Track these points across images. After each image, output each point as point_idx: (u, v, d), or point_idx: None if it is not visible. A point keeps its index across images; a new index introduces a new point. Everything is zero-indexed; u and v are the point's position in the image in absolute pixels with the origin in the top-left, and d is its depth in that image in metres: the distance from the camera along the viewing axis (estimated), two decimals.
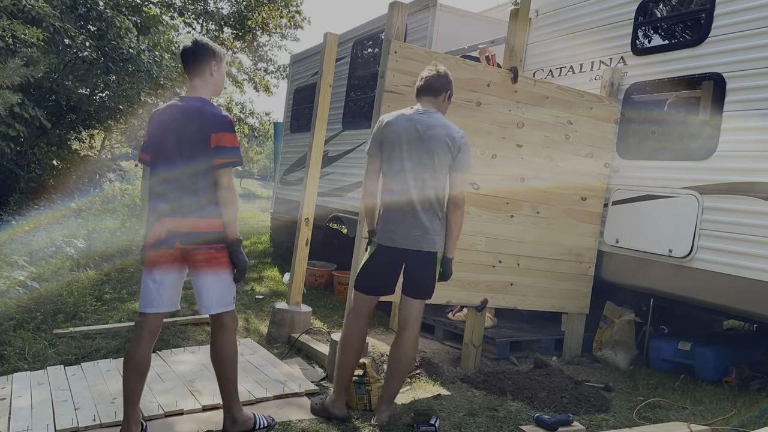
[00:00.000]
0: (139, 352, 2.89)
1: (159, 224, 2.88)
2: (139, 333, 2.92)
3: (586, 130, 4.88)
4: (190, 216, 2.86)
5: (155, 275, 2.90)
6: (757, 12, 4.15)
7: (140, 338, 2.91)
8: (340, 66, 7.43)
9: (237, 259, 2.91)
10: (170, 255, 2.88)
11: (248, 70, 19.37)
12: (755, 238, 4.04)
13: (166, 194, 2.88)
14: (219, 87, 3.06)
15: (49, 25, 7.42)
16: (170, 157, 2.89)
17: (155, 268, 2.90)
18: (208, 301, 2.94)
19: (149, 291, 2.91)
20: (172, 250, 2.87)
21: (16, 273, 5.56)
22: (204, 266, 2.89)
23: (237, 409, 3.09)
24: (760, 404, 3.96)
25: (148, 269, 2.92)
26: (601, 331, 5.11)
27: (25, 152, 9.48)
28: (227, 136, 2.86)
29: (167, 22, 13.77)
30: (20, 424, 3.13)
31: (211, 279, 2.91)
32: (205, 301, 2.95)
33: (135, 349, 2.89)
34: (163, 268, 2.90)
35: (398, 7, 4.11)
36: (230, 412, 3.07)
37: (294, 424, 3.29)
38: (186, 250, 2.87)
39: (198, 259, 2.88)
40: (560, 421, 3.28)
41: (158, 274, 2.90)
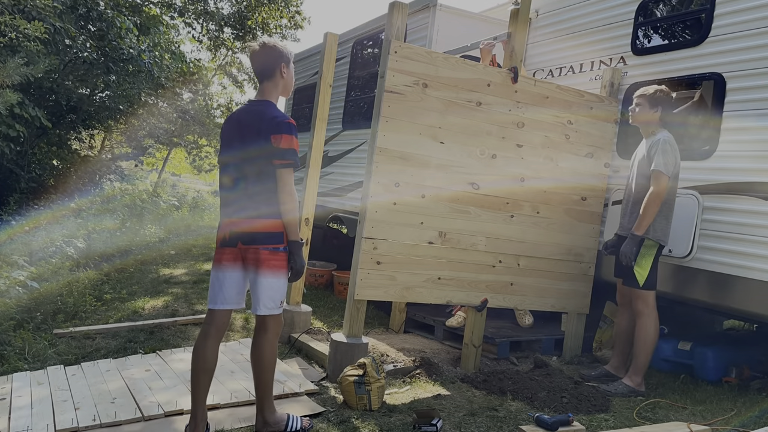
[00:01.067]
0: (206, 349, 2.95)
1: (225, 224, 3.00)
2: (206, 329, 3.00)
3: (586, 130, 4.88)
4: (251, 216, 2.94)
5: (220, 272, 3.00)
6: (757, 12, 4.15)
7: (207, 334, 2.98)
8: (340, 66, 7.43)
9: (294, 262, 2.99)
10: (233, 253, 2.97)
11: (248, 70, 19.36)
12: (755, 238, 4.03)
13: (231, 195, 3.01)
14: (288, 88, 3.13)
15: (50, 26, 7.42)
16: (234, 159, 3.00)
17: (221, 265, 3.00)
18: (256, 301, 3.00)
19: (214, 287, 3.01)
20: (235, 249, 2.96)
21: (16, 273, 5.55)
22: (260, 266, 2.94)
23: (269, 410, 3.11)
24: (761, 404, 3.96)
25: (215, 266, 3.02)
26: (601, 331, 5.11)
27: (25, 152, 9.48)
28: (286, 137, 2.92)
29: (167, 23, 13.77)
30: (20, 424, 3.13)
31: (264, 280, 2.96)
32: (254, 301, 3.02)
33: (202, 346, 2.96)
34: (227, 266, 2.99)
35: (398, 7, 4.11)
36: (261, 413, 3.10)
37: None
38: (247, 250, 2.94)
39: (256, 258, 2.94)
40: (560, 421, 3.28)
41: (223, 272, 2.99)
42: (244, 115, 3.04)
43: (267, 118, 2.94)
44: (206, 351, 2.96)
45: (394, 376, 4.16)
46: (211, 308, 3.02)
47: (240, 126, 3.02)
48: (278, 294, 3.00)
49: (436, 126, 4.26)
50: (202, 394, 2.98)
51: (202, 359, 2.95)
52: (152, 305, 5.92)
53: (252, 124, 2.96)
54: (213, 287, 3.02)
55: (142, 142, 14.27)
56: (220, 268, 3.00)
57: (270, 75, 3.03)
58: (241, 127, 3.00)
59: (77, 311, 5.45)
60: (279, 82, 3.06)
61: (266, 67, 3.03)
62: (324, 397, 3.72)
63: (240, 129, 3.01)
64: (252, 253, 2.93)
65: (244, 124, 3.00)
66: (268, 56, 3.02)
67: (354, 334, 4.11)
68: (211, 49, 17.22)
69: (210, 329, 3.00)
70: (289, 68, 3.09)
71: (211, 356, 2.96)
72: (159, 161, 18.62)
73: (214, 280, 3.02)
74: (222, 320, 3.02)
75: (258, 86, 3.13)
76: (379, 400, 3.60)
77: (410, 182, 4.19)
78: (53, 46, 7.81)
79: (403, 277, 4.18)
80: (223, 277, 2.99)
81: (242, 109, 3.09)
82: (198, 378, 2.96)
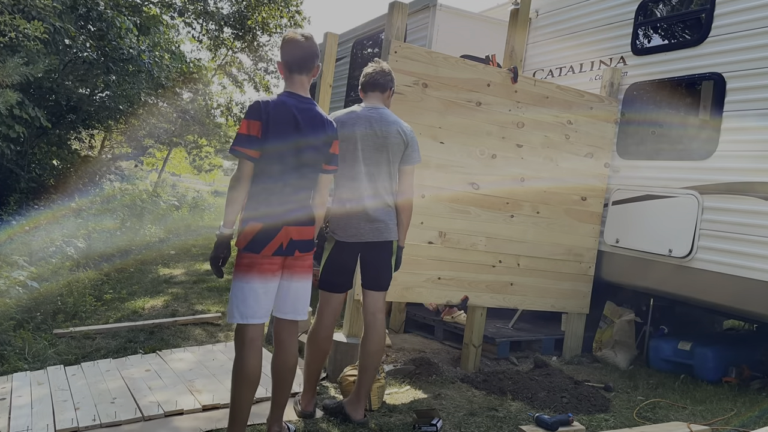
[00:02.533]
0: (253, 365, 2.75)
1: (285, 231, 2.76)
2: (249, 345, 2.75)
3: (586, 130, 4.88)
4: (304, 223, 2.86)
5: (268, 283, 2.77)
6: (757, 12, 4.16)
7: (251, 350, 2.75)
8: (340, 66, 7.43)
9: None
10: (282, 262, 2.82)
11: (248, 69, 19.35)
12: (755, 238, 4.04)
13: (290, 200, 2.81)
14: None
15: (50, 25, 7.42)
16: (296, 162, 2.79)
17: (269, 275, 2.77)
18: (303, 306, 2.94)
19: (258, 299, 2.74)
20: (287, 258, 2.82)
21: (16, 273, 5.55)
22: (309, 272, 2.93)
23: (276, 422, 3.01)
24: (761, 404, 3.96)
25: (260, 276, 2.74)
26: (601, 331, 5.11)
27: (25, 152, 9.48)
28: (336, 143, 2.94)
29: (167, 22, 13.76)
30: (20, 424, 3.13)
31: (309, 285, 2.95)
32: (300, 307, 2.92)
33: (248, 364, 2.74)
34: (273, 276, 2.79)
35: (398, 7, 4.11)
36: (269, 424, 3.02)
37: (294, 423, 3.29)
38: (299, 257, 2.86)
39: (306, 264, 2.91)
40: (560, 421, 3.28)
41: (268, 282, 2.77)
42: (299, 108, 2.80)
43: (327, 120, 2.89)
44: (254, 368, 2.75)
45: (394, 376, 4.16)
46: (250, 323, 2.75)
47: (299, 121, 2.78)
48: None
49: (436, 126, 4.26)
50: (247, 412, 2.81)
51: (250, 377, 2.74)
52: (152, 305, 5.92)
53: (315, 124, 2.82)
54: (257, 299, 2.74)
55: (142, 142, 14.27)
56: (267, 278, 2.76)
57: (310, 69, 2.89)
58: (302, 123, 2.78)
59: (77, 311, 5.45)
60: (311, 79, 2.96)
61: (309, 61, 2.86)
62: (324, 397, 3.72)
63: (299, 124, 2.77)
64: (303, 260, 2.87)
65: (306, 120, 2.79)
66: (313, 49, 2.87)
67: (354, 334, 4.11)
68: (211, 48, 17.22)
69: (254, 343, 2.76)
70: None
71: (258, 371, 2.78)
72: (159, 161, 18.62)
73: (261, 292, 2.75)
74: (260, 332, 2.82)
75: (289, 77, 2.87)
76: (379, 400, 3.60)
77: None
78: (53, 46, 7.80)
79: (403, 277, 4.18)
80: (267, 289, 2.76)
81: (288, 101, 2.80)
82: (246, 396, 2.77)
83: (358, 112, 3.34)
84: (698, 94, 4.77)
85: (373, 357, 3.36)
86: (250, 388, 2.78)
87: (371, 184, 3.29)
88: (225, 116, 18.50)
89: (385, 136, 3.28)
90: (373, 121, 3.29)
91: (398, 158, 3.34)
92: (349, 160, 3.29)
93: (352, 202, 3.30)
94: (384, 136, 3.28)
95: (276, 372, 2.95)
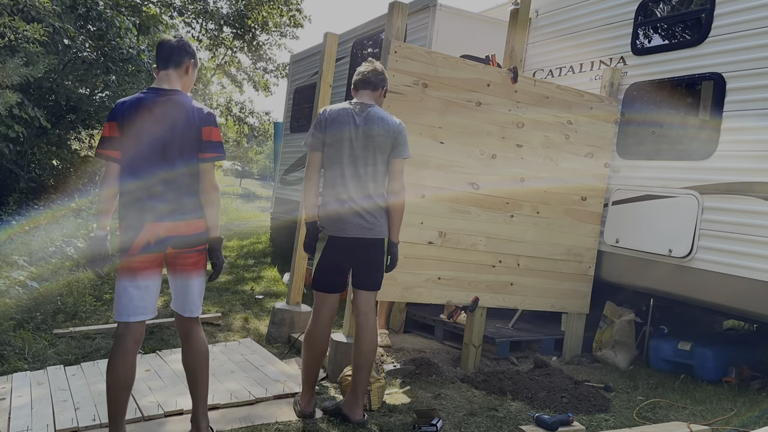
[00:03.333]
0: (126, 365, 2.74)
1: (148, 228, 2.72)
2: (123, 344, 2.74)
3: (586, 130, 4.88)
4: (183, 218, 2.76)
5: (139, 281, 2.75)
6: (757, 12, 4.16)
7: (126, 350, 2.74)
8: (340, 66, 7.43)
9: (217, 259, 2.86)
10: (157, 259, 2.78)
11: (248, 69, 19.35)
12: (755, 238, 4.04)
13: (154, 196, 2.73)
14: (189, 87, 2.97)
15: (49, 25, 7.41)
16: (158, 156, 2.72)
17: (140, 273, 2.75)
18: (192, 303, 2.87)
19: (133, 299, 2.74)
20: (160, 254, 2.78)
21: (15, 273, 5.54)
22: (192, 269, 2.84)
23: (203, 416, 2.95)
24: (761, 404, 3.96)
25: (130, 275, 2.75)
26: (601, 331, 5.11)
27: (25, 152, 9.47)
28: (215, 130, 2.79)
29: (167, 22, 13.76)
30: (20, 424, 3.13)
31: (196, 282, 2.87)
32: (189, 304, 2.87)
33: (121, 363, 2.72)
34: (149, 274, 2.78)
35: (398, 7, 4.11)
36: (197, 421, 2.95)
37: (293, 423, 3.29)
38: (177, 254, 2.80)
39: (188, 262, 2.82)
40: (560, 421, 3.28)
41: (145, 281, 2.76)
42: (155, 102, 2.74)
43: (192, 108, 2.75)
44: (127, 368, 2.74)
45: (394, 376, 4.16)
46: (129, 321, 2.74)
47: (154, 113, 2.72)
48: (203, 293, 2.94)
49: (436, 126, 4.26)
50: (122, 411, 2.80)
51: (123, 377, 2.73)
52: None
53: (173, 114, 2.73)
54: (131, 298, 2.73)
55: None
56: (141, 276, 2.74)
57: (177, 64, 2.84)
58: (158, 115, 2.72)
59: (77, 311, 5.45)
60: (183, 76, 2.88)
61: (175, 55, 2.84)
62: (324, 397, 3.72)
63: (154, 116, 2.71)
64: (183, 257, 2.79)
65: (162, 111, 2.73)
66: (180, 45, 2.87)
67: (354, 334, 4.10)
68: (210, 48, 17.22)
69: (128, 343, 2.75)
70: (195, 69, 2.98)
71: (131, 372, 2.76)
72: None
73: (133, 290, 2.74)
74: (141, 332, 2.81)
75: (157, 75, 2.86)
76: (379, 400, 3.60)
77: (410, 182, 4.17)
78: (52, 46, 7.80)
79: (403, 277, 4.18)
80: (146, 286, 2.76)
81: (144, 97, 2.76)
82: (117, 396, 2.74)
83: (348, 109, 3.34)
84: (698, 94, 4.77)
85: (366, 357, 3.36)
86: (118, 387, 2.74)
87: (360, 183, 3.29)
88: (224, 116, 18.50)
89: (370, 134, 3.28)
90: (359, 119, 3.29)
91: (386, 155, 3.33)
92: (336, 159, 3.29)
93: (342, 202, 3.29)
94: (369, 135, 3.28)
95: (184, 366, 2.96)
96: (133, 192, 2.74)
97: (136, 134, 2.71)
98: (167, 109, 2.74)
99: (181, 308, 2.90)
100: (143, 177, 2.72)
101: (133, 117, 2.71)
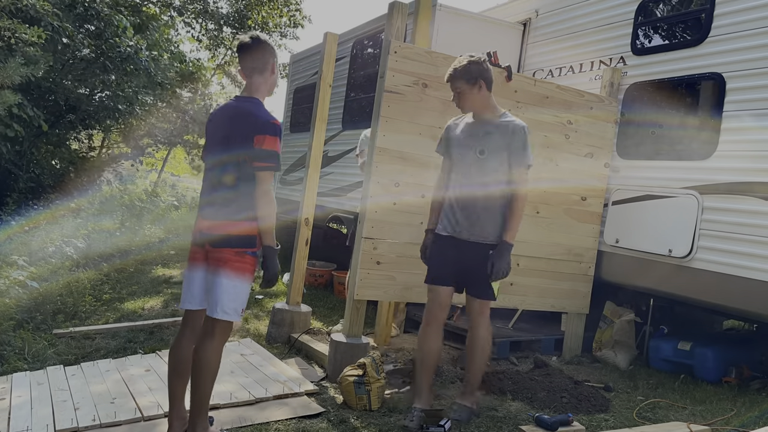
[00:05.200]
0: (178, 350, 2.93)
1: (198, 222, 2.93)
2: (180, 329, 3.00)
3: (586, 130, 4.88)
4: (223, 217, 2.83)
5: (188, 271, 2.96)
6: (757, 12, 4.15)
7: (180, 334, 2.97)
8: (340, 66, 7.42)
9: (267, 267, 2.86)
10: (201, 253, 2.90)
11: None
12: (755, 238, 4.03)
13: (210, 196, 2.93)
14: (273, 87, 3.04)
15: (48, 25, 7.41)
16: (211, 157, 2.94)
17: (189, 263, 2.96)
18: (213, 303, 2.84)
19: (186, 285, 2.96)
20: (202, 249, 2.89)
21: (15, 273, 5.55)
22: (222, 266, 2.82)
23: (202, 426, 2.91)
24: (761, 404, 3.96)
25: (187, 263, 3.00)
26: (601, 331, 5.11)
27: (24, 152, 9.47)
28: (269, 139, 2.79)
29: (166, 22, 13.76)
30: (20, 424, 3.13)
31: (224, 281, 2.81)
32: (212, 302, 2.85)
33: (175, 346, 2.94)
34: (193, 265, 2.93)
35: (398, 7, 4.11)
36: (193, 428, 2.90)
37: (293, 423, 3.29)
38: (213, 251, 2.85)
39: (220, 258, 2.82)
40: (560, 421, 3.28)
41: (189, 271, 2.95)
42: (230, 107, 2.94)
43: (252, 117, 2.82)
44: (178, 352, 2.90)
45: (394, 376, 4.16)
46: (183, 308, 2.97)
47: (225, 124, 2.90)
48: (239, 298, 2.85)
49: (436, 126, 4.25)
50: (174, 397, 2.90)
51: (174, 361, 2.89)
52: (152, 305, 5.92)
53: (233, 120, 2.86)
54: (186, 284, 2.96)
55: (140, 142, 14.26)
56: (190, 266, 2.94)
57: (262, 70, 2.93)
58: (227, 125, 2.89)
59: (77, 311, 5.44)
60: (269, 78, 2.96)
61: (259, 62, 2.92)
62: (324, 397, 3.72)
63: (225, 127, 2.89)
64: (217, 253, 2.83)
65: (225, 117, 2.90)
66: (263, 51, 2.91)
67: (354, 334, 4.11)
68: (210, 48, 17.22)
69: (183, 329, 2.96)
70: (277, 68, 3.03)
71: (183, 357, 2.87)
72: (158, 161, 18.61)
73: (185, 279, 2.98)
74: (195, 320, 2.94)
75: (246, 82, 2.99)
76: (379, 400, 3.60)
77: (410, 182, 4.18)
78: (51, 45, 7.80)
79: (403, 277, 4.18)
80: (191, 277, 2.93)
81: (229, 105, 2.97)
82: (170, 381, 2.89)
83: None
84: (698, 94, 4.77)
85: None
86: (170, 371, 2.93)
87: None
88: None
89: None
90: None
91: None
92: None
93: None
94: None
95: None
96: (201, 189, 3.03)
97: (207, 139, 3.04)
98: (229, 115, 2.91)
99: (207, 303, 2.90)
100: (205, 178, 3.00)
101: (208, 123, 3.03)
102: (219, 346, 2.88)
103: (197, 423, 2.89)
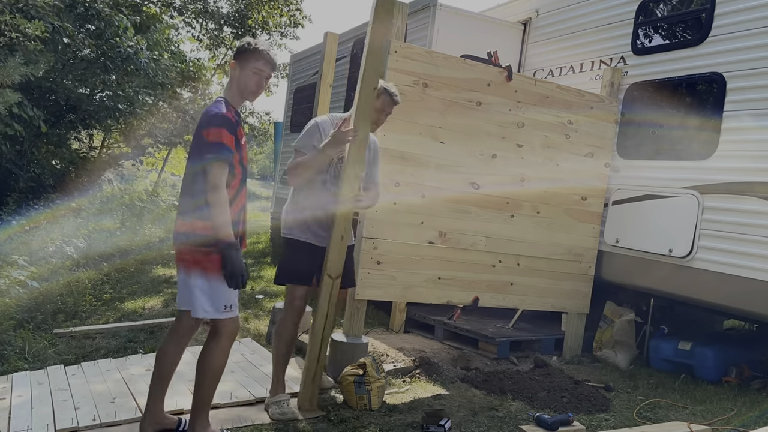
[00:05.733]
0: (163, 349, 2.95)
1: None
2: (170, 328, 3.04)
3: (586, 130, 4.88)
4: (184, 217, 2.84)
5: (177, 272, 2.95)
6: (757, 12, 4.16)
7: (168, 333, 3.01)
8: (340, 65, 7.42)
9: (225, 265, 2.71)
10: (177, 254, 2.90)
11: None
12: (755, 238, 4.04)
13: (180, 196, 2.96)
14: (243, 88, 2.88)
15: (49, 24, 7.41)
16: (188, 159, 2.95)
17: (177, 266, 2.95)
18: (186, 302, 2.82)
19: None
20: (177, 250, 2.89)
21: (15, 273, 5.55)
22: (190, 267, 2.78)
23: (201, 426, 2.90)
24: (761, 404, 3.96)
25: None
26: (601, 331, 5.11)
27: (25, 152, 9.47)
28: (213, 131, 2.70)
29: (167, 21, 13.75)
30: (20, 424, 3.13)
31: (193, 281, 2.77)
32: (184, 302, 2.84)
33: (162, 347, 2.97)
34: (177, 267, 2.93)
35: (398, 7, 4.11)
36: (192, 427, 2.91)
37: (293, 423, 3.29)
38: (178, 250, 2.84)
39: (185, 258, 2.80)
40: (560, 420, 3.27)
41: (178, 272, 2.93)
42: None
43: (203, 116, 2.80)
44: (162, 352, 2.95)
45: (394, 376, 4.16)
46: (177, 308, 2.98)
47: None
48: (216, 296, 2.76)
49: (436, 126, 4.25)
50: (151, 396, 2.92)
51: (157, 360, 2.94)
52: (152, 305, 5.92)
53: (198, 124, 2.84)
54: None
55: (141, 142, 14.26)
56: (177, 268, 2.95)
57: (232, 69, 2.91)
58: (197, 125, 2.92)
59: (77, 311, 5.45)
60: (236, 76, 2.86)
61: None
62: (324, 397, 3.72)
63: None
64: (187, 254, 2.79)
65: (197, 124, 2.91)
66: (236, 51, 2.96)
67: (354, 334, 4.11)
68: (211, 48, 17.21)
69: (174, 328, 3.00)
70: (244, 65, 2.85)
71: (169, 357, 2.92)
72: (159, 161, 18.61)
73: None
74: (183, 321, 2.92)
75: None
76: (379, 399, 3.60)
77: (410, 182, 4.18)
78: (52, 45, 7.80)
79: (403, 276, 4.18)
80: (179, 278, 2.91)
81: None
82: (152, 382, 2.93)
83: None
84: (698, 94, 4.77)
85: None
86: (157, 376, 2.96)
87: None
88: None
89: None
90: None
91: None
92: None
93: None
94: None
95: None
96: None
97: None
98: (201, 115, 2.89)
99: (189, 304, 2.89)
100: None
101: None
102: (227, 345, 2.86)
103: (197, 423, 2.90)
